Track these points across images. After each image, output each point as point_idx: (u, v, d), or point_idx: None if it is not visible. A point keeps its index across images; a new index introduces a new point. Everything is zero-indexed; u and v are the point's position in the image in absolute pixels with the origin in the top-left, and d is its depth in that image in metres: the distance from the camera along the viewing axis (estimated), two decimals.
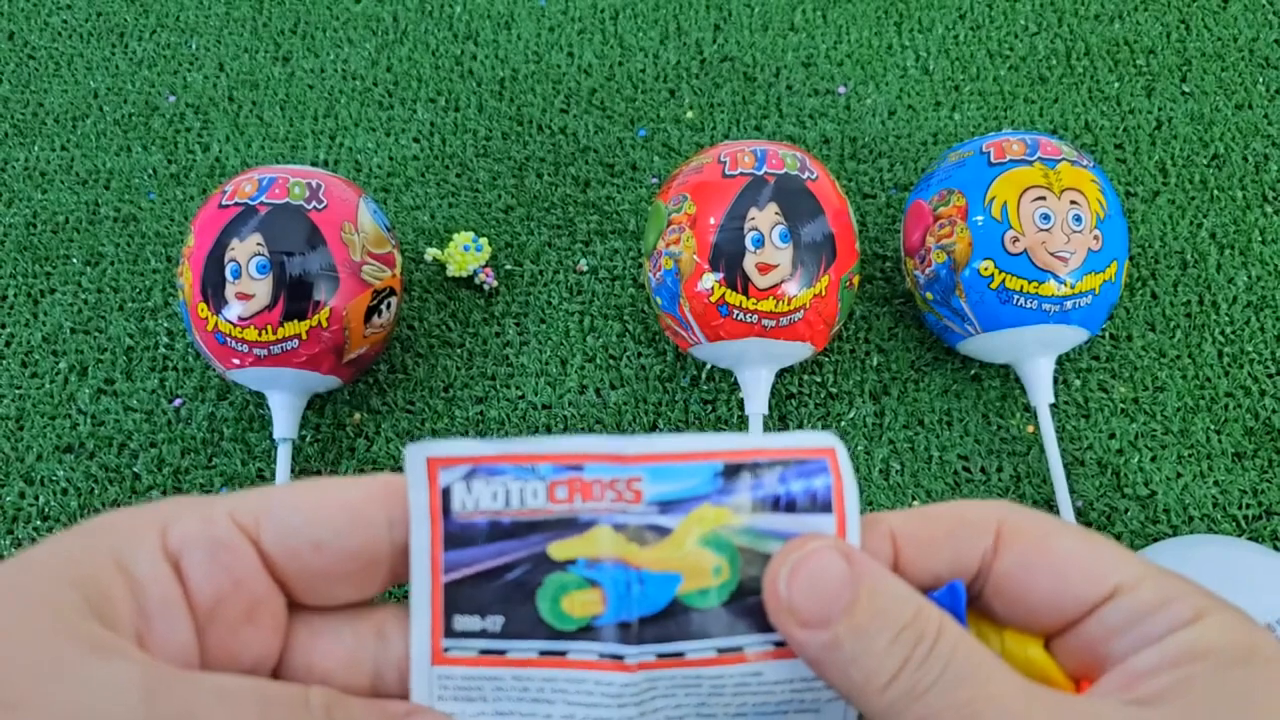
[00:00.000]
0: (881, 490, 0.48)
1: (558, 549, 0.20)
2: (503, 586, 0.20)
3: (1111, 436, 0.49)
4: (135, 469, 0.49)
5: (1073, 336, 0.46)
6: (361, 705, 0.19)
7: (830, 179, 0.47)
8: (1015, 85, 0.61)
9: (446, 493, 0.20)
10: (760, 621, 0.19)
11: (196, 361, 0.52)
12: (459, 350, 0.52)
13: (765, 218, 0.44)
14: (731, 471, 0.20)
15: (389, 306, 0.47)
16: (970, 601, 0.20)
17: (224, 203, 0.45)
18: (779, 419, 0.50)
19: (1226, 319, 0.52)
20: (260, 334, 0.44)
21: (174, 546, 0.18)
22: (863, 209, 0.56)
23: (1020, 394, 0.50)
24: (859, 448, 0.49)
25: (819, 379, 0.51)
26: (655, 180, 0.58)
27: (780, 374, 0.50)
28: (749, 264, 0.44)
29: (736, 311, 0.44)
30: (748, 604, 0.20)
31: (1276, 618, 0.37)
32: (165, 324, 0.53)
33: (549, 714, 0.20)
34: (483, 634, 0.20)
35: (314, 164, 0.59)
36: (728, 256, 0.44)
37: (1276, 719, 0.17)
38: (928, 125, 0.59)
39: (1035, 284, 0.44)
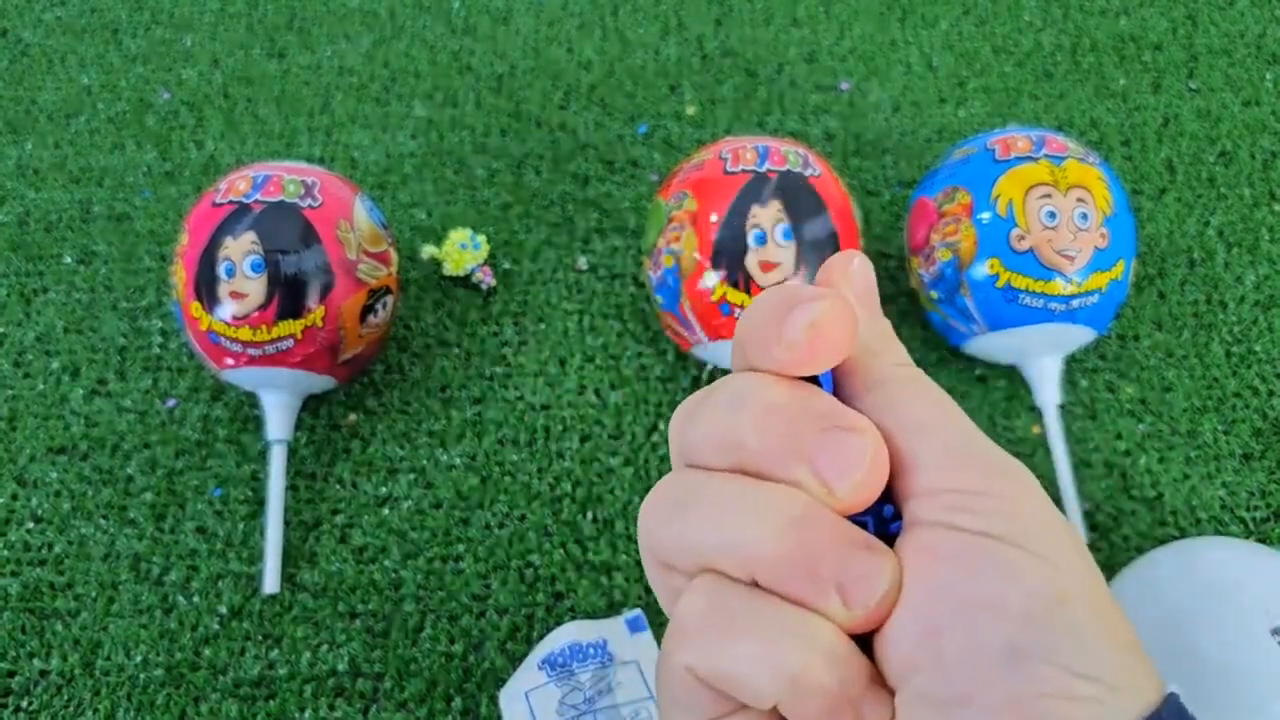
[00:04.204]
0: None
1: None
2: None
3: (1119, 437, 0.48)
4: (128, 470, 0.48)
5: (1080, 336, 0.45)
6: None
7: (833, 175, 0.46)
8: (1020, 81, 0.60)
9: None
10: None
11: (190, 361, 0.51)
12: (456, 350, 0.52)
13: (768, 215, 0.43)
14: None
15: (385, 305, 0.47)
16: None
17: (218, 200, 0.44)
18: None
19: (1234, 318, 0.51)
20: (254, 333, 0.43)
21: None
22: (866, 206, 0.55)
23: (1026, 394, 0.49)
24: None
25: None
26: (656, 177, 0.57)
27: None
28: (751, 262, 0.43)
29: (739, 310, 0.44)
30: None
31: None
32: (159, 323, 0.53)
33: None
34: None
35: (309, 161, 0.58)
36: (730, 254, 0.43)
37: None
38: (932, 121, 0.58)
39: (1042, 283, 0.43)
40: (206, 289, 0.43)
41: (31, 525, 0.47)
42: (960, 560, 0.19)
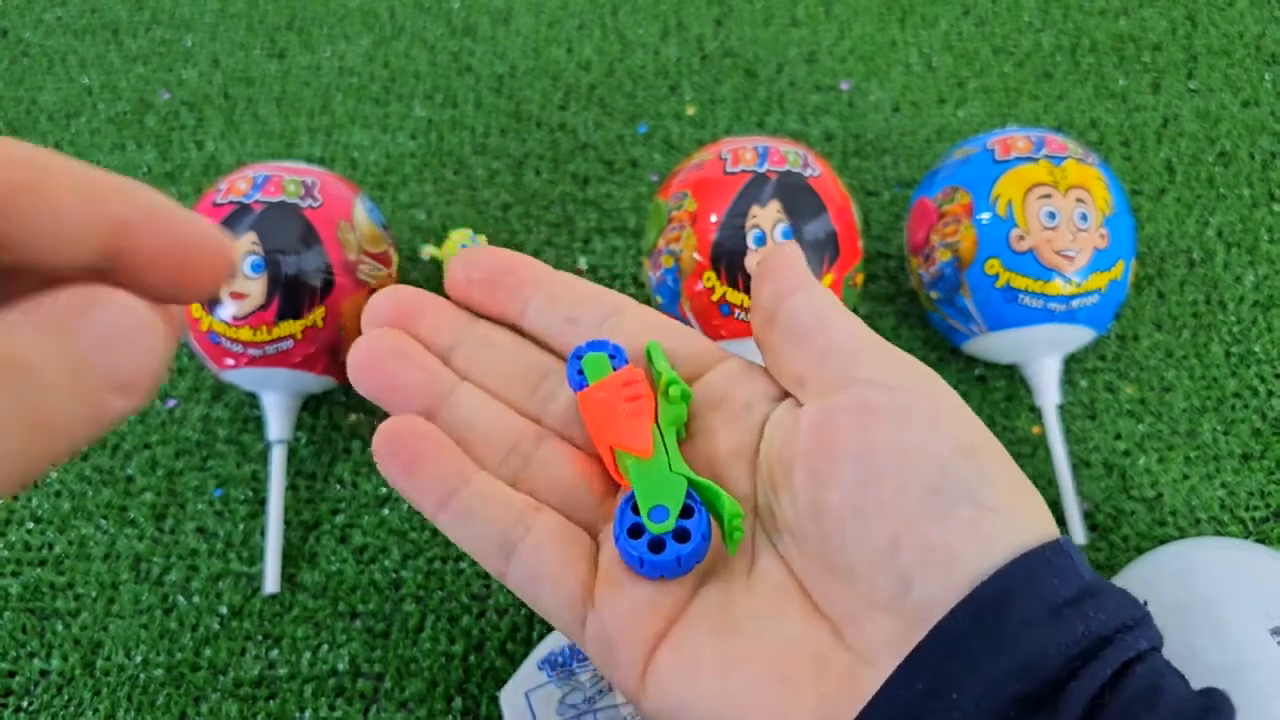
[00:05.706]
0: None
1: None
2: None
3: (1118, 437, 0.48)
4: (128, 471, 0.48)
5: (1079, 336, 0.45)
6: None
7: (833, 176, 0.46)
8: (1020, 81, 0.60)
9: None
10: None
11: (191, 362, 0.51)
12: None
13: (767, 215, 0.43)
14: None
15: None
16: None
17: (218, 200, 0.44)
18: None
19: (1234, 318, 0.51)
20: (255, 334, 0.43)
21: None
22: (866, 206, 0.55)
23: (1026, 394, 0.49)
24: None
25: None
26: (655, 177, 0.57)
27: None
28: (751, 262, 0.43)
29: (738, 310, 0.44)
30: None
31: None
32: None
33: None
34: None
35: (309, 161, 0.58)
36: (729, 254, 0.43)
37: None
38: (932, 122, 0.58)
39: (1041, 283, 0.43)
40: None
41: (32, 525, 0.47)
42: (893, 413, 0.23)
